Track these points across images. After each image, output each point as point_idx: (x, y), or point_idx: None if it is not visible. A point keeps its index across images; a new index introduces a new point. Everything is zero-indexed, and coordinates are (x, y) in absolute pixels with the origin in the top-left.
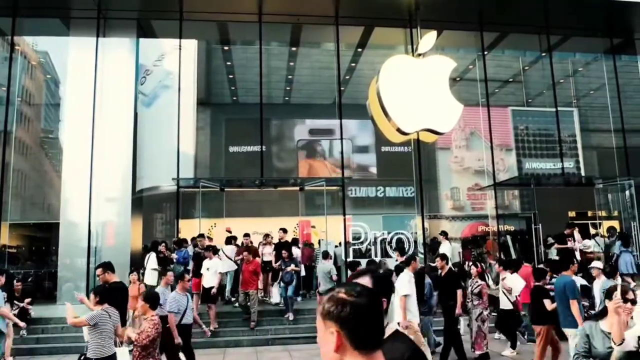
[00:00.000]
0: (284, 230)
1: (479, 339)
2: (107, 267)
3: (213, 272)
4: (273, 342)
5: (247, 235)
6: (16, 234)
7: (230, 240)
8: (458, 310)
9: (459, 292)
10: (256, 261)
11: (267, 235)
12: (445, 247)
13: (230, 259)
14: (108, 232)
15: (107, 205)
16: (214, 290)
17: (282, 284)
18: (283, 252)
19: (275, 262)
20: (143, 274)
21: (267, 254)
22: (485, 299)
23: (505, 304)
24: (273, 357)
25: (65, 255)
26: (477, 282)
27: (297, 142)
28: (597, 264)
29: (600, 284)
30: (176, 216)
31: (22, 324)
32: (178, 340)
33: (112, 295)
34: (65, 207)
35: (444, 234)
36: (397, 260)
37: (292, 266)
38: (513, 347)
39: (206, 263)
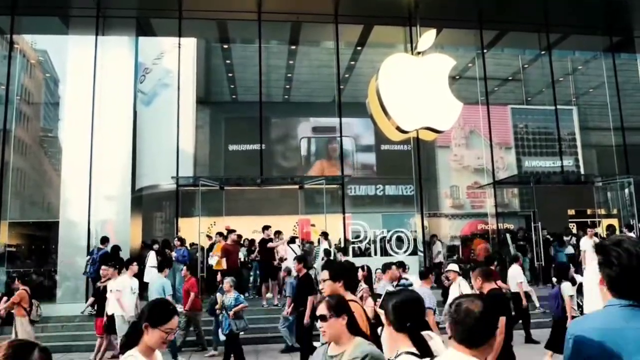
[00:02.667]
0: (267, 228)
1: None
2: None
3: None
4: (273, 341)
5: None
6: (16, 233)
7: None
8: (306, 320)
9: (310, 298)
10: (192, 280)
11: (278, 233)
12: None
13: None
14: (108, 230)
15: (107, 204)
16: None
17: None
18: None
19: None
20: (143, 271)
21: (282, 251)
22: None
23: None
24: (273, 356)
25: (65, 254)
26: (361, 286)
27: (300, 139)
28: (453, 267)
29: (455, 288)
30: (176, 215)
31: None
32: None
33: None
34: (65, 205)
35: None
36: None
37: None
38: None
39: (110, 284)
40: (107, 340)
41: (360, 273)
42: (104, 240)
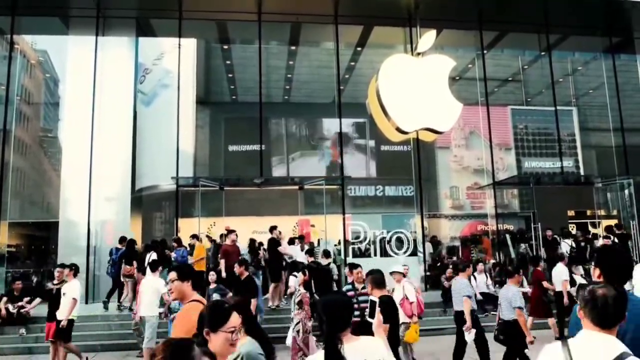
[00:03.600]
0: (274, 228)
1: (293, 350)
2: None
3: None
4: (272, 342)
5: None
6: (15, 233)
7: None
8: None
9: (254, 301)
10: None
11: (273, 228)
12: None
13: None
14: (107, 231)
15: (107, 204)
16: (63, 323)
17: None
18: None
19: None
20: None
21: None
22: (307, 309)
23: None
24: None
25: (65, 254)
26: (299, 290)
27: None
28: (398, 268)
29: (399, 290)
30: (175, 215)
31: None
32: None
33: None
34: (65, 206)
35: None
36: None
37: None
38: None
39: (65, 287)
40: (60, 347)
41: (300, 277)
42: (122, 240)
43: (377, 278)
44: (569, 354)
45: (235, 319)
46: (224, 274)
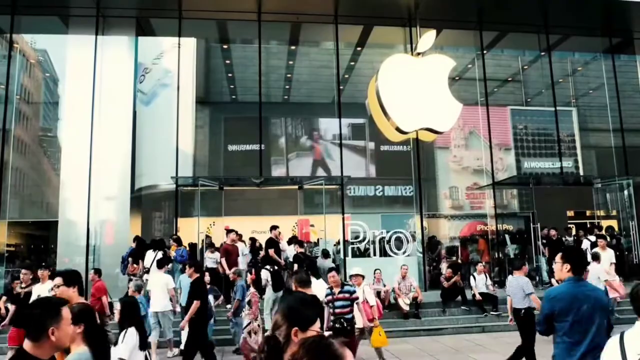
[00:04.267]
0: (274, 228)
1: (244, 352)
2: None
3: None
4: None
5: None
6: (15, 233)
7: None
8: (182, 324)
9: (196, 303)
10: (100, 283)
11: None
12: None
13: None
14: (107, 230)
15: (106, 203)
16: None
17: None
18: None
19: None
20: (147, 272)
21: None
22: (255, 309)
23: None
24: None
25: (64, 254)
26: (249, 290)
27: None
28: (357, 271)
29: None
30: (175, 215)
31: None
32: None
33: None
34: (64, 205)
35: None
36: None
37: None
38: None
39: (36, 289)
40: None
41: (249, 277)
42: (135, 239)
43: (301, 277)
44: (622, 343)
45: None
46: (228, 272)
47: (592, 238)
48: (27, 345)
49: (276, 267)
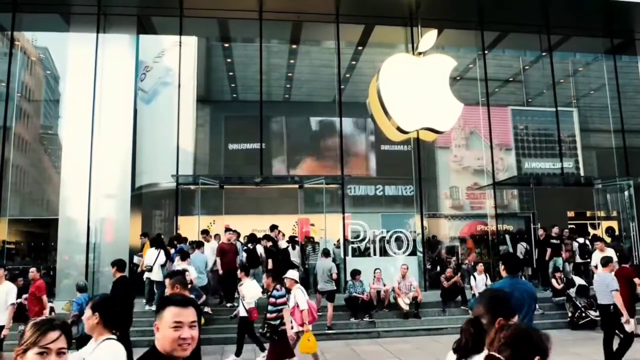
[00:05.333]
0: (275, 227)
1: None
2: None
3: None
4: None
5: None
6: (15, 230)
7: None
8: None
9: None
10: (40, 282)
11: (275, 227)
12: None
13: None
14: (107, 228)
15: (106, 201)
16: (4, 332)
17: None
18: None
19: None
20: (150, 270)
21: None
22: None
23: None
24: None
25: (64, 252)
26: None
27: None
28: (291, 274)
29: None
30: (175, 213)
31: None
32: None
33: None
34: (65, 203)
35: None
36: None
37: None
38: None
39: None
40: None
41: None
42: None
43: (180, 279)
44: None
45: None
46: (220, 272)
47: (581, 240)
48: None
49: (271, 246)
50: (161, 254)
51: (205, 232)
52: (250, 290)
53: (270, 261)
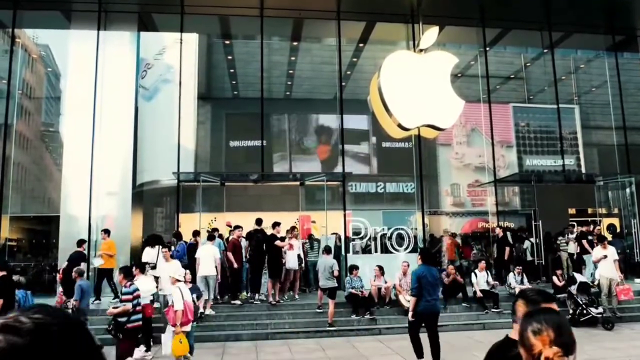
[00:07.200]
0: (277, 224)
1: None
2: None
3: None
4: (273, 337)
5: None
6: (16, 227)
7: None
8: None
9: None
10: None
11: (293, 228)
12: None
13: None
14: (108, 225)
15: (107, 199)
16: None
17: None
18: None
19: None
20: (154, 268)
21: (297, 247)
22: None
23: None
24: (273, 352)
25: (66, 249)
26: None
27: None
28: (174, 272)
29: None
30: (176, 210)
31: None
32: None
33: None
34: (66, 200)
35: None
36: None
37: None
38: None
39: None
40: None
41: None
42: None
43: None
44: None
45: None
46: (236, 265)
47: (572, 236)
48: None
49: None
50: (160, 252)
51: (196, 234)
52: (143, 285)
53: (246, 242)
